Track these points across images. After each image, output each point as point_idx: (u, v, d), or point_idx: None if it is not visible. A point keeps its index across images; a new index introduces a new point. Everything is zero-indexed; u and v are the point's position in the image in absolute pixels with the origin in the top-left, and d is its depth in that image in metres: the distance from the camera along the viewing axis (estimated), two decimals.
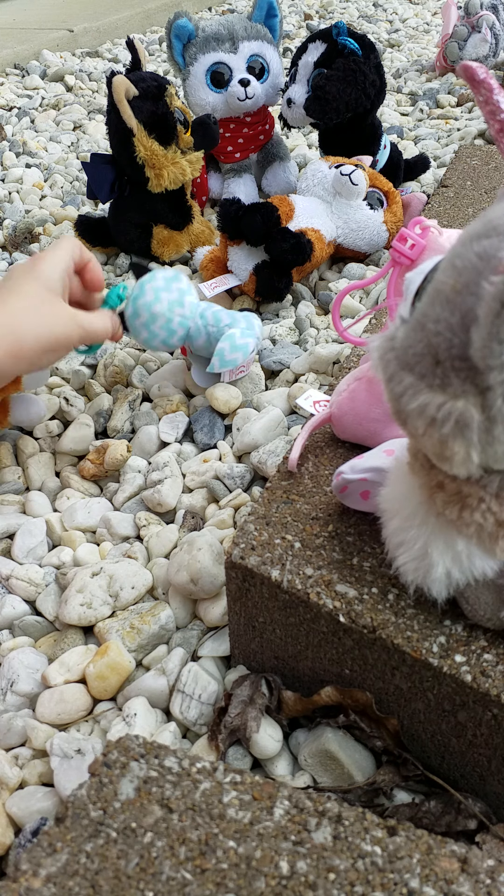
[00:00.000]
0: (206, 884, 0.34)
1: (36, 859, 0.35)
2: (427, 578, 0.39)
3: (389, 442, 0.49)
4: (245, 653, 0.53)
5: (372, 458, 0.47)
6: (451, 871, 0.34)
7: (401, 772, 0.46)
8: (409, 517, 0.38)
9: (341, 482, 0.47)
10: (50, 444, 0.78)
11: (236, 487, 0.69)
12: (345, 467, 0.47)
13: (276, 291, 0.94)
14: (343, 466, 0.48)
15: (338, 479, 0.47)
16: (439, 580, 0.38)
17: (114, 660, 0.54)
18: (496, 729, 0.40)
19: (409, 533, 0.38)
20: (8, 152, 1.49)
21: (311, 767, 0.48)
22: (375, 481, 0.45)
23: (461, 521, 0.34)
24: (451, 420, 0.29)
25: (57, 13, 2.64)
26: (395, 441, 0.49)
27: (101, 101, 1.79)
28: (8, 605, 0.61)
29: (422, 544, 0.38)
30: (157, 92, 0.95)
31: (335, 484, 0.48)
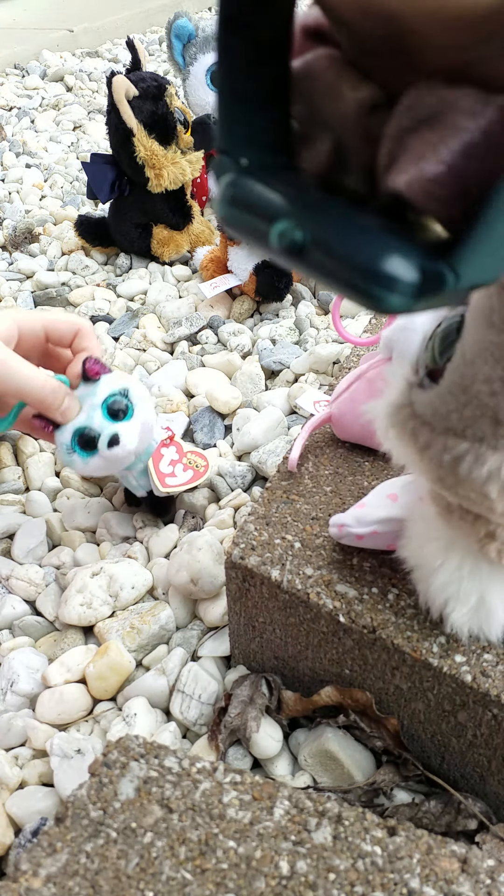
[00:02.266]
0: (206, 884, 0.34)
1: (36, 859, 0.35)
2: (487, 626, 0.38)
3: (388, 484, 0.46)
4: (245, 653, 0.53)
5: (377, 507, 0.44)
6: (451, 871, 0.34)
7: (401, 772, 0.46)
8: (456, 569, 0.36)
9: (345, 534, 0.44)
10: (50, 444, 0.78)
11: (237, 486, 0.69)
12: (348, 519, 0.44)
13: (276, 291, 0.94)
14: (345, 517, 0.45)
15: (340, 531, 0.44)
16: (501, 624, 0.38)
17: (114, 660, 0.54)
18: (496, 729, 0.40)
19: (462, 585, 0.37)
20: (8, 152, 1.49)
21: (311, 767, 0.48)
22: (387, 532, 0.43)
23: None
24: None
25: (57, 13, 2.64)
26: (394, 483, 0.46)
27: (101, 101, 1.79)
28: (8, 605, 0.61)
29: (478, 594, 0.37)
30: (157, 92, 0.95)
31: (336, 534, 0.45)
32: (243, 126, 0.19)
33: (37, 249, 1.16)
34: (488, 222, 0.16)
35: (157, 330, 0.95)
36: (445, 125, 0.17)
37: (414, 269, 0.16)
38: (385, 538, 0.44)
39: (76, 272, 1.09)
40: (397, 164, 0.18)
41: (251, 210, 0.19)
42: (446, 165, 0.17)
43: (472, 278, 0.17)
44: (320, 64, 0.20)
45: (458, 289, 0.17)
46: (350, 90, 0.19)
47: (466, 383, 0.28)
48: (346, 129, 0.19)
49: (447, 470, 0.30)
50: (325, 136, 0.20)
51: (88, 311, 0.99)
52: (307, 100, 0.20)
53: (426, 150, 0.17)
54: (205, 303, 0.98)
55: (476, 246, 0.16)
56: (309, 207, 0.18)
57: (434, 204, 0.17)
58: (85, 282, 1.08)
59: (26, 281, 1.08)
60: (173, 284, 1.06)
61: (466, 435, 0.29)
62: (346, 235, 0.17)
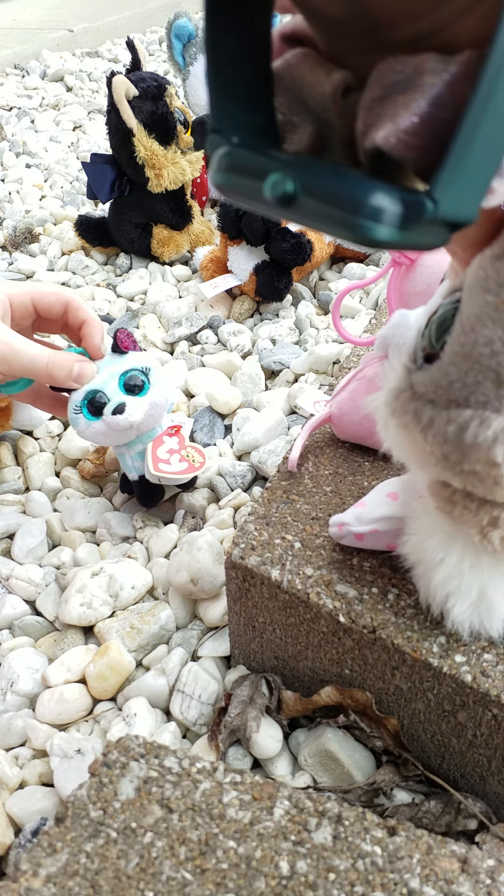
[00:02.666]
0: (206, 884, 0.34)
1: (36, 859, 0.35)
2: (488, 620, 0.38)
3: (388, 483, 0.46)
4: (245, 653, 0.53)
5: (377, 506, 0.44)
6: (451, 871, 0.34)
7: (401, 772, 0.46)
8: (456, 564, 0.37)
9: (346, 533, 0.45)
10: (50, 444, 0.78)
11: (237, 486, 0.69)
12: (348, 517, 0.44)
13: (276, 291, 0.94)
14: (345, 516, 0.45)
15: (341, 530, 0.45)
16: (502, 619, 0.38)
17: (114, 660, 0.54)
18: (496, 729, 0.40)
19: (462, 580, 0.37)
20: (8, 152, 1.49)
21: (311, 767, 0.48)
22: (387, 531, 0.43)
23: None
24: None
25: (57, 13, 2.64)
26: (394, 482, 0.46)
27: (101, 101, 1.79)
28: (8, 605, 0.61)
29: (479, 588, 0.37)
30: (157, 92, 0.95)
31: (336, 534, 0.45)
32: (233, 111, 0.22)
33: (37, 249, 1.16)
34: (458, 154, 0.18)
35: (157, 330, 0.95)
36: (414, 86, 0.19)
37: (396, 201, 0.18)
38: (385, 537, 0.44)
39: (76, 272, 1.09)
40: (375, 125, 0.20)
41: (244, 172, 0.21)
42: (418, 117, 0.19)
43: (450, 208, 0.19)
44: (298, 59, 0.22)
45: (437, 216, 0.19)
46: (325, 76, 0.21)
47: (467, 350, 0.29)
48: (325, 110, 0.22)
49: (452, 444, 0.30)
50: (307, 120, 0.22)
51: None
52: (288, 91, 0.22)
53: (399, 109, 0.19)
54: (205, 303, 0.98)
55: (450, 175, 0.18)
56: (297, 164, 0.20)
57: (411, 152, 0.19)
58: (85, 282, 1.08)
59: (26, 281, 1.08)
60: (173, 284, 1.06)
61: (470, 402, 0.29)
62: (333, 181, 0.19)
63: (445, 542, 0.37)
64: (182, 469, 0.63)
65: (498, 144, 0.19)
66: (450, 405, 0.30)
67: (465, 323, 0.29)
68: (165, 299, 1.01)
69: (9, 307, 0.58)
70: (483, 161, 0.19)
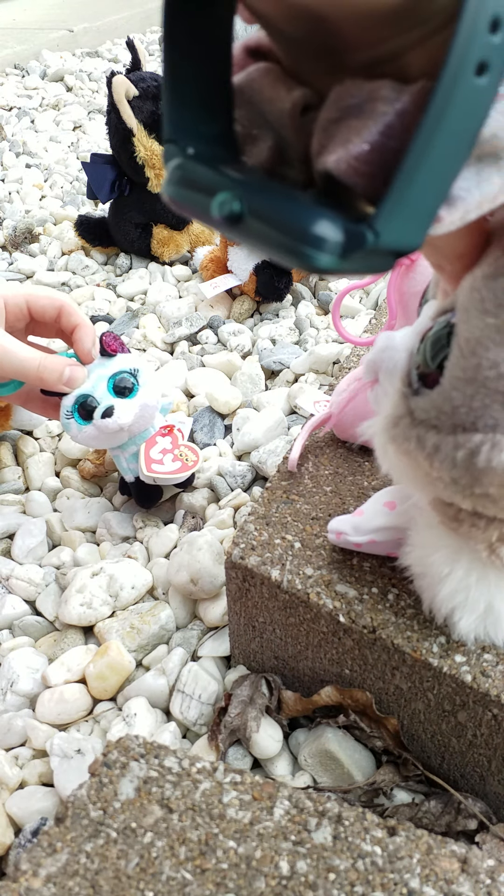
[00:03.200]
0: (206, 884, 0.34)
1: (36, 859, 0.35)
2: (494, 633, 0.38)
3: (386, 492, 0.46)
4: (245, 653, 0.53)
5: (374, 515, 0.44)
6: (451, 871, 0.34)
7: (401, 772, 0.46)
8: (463, 578, 0.36)
9: (343, 542, 0.45)
10: (50, 444, 0.78)
11: (237, 486, 0.69)
12: (346, 526, 0.44)
13: (276, 291, 0.94)
14: (342, 524, 0.45)
15: (339, 538, 0.45)
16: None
17: (114, 660, 0.54)
18: (496, 729, 0.40)
19: (469, 594, 0.37)
20: (8, 152, 1.49)
21: (311, 767, 0.48)
22: (385, 541, 0.43)
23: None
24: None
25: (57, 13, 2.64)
26: (391, 491, 0.45)
27: (101, 101, 1.79)
28: (8, 605, 0.61)
29: (486, 602, 0.37)
30: (157, 92, 0.95)
31: (334, 540, 0.45)
32: (191, 123, 0.22)
33: (37, 249, 1.16)
34: (400, 186, 0.18)
35: (157, 330, 0.95)
36: (367, 112, 0.19)
37: (338, 230, 0.18)
38: (383, 546, 0.44)
39: (76, 272, 1.09)
40: (328, 147, 0.20)
41: (194, 187, 0.21)
42: (369, 144, 0.19)
43: (391, 238, 0.19)
44: (260, 73, 0.22)
45: (378, 247, 0.19)
46: (286, 92, 0.22)
47: (470, 375, 0.29)
48: (283, 126, 0.22)
49: (462, 468, 0.30)
50: (266, 134, 0.23)
51: (89, 311, 0.99)
52: (249, 104, 0.23)
53: (351, 135, 0.19)
54: (205, 303, 0.98)
55: (392, 207, 0.19)
56: (246, 184, 0.20)
57: (359, 179, 0.19)
58: (85, 282, 1.08)
59: (26, 281, 1.08)
60: (173, 284, 1.06)
61: (478, 426, 0.29)
62: (279, 205, 0.19)
63: (451, 557, 0.36)
64: (175, 469, 0.63)
65: (444, 175, 0.19)
66: (456, 430, 0.29)
67: (463, 346, 0.29)
68: (165, 299, 1.01)
69: (3, 308, 0.58)
70: (428, 192, 0.19)
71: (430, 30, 0.18)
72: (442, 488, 0.31)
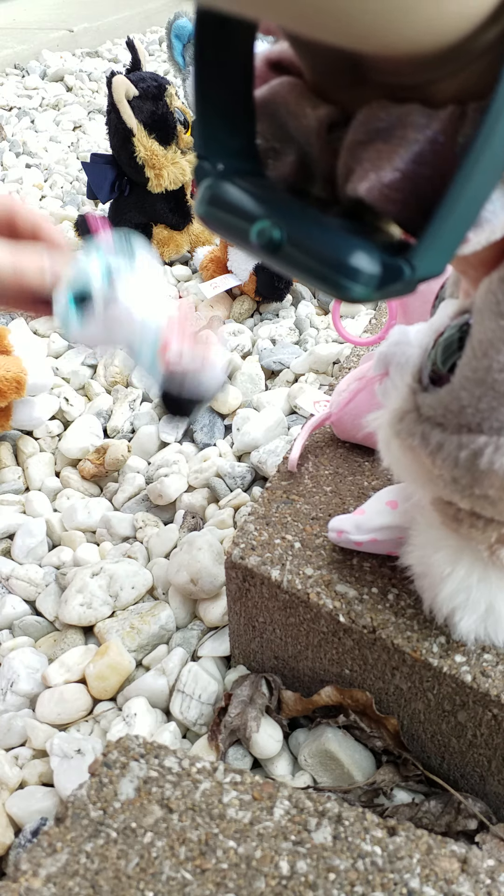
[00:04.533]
0: (206, 884, 0.34)
1: (36, 859, 0.35)
2: (494, 633, 0.38)
3: (387, 491, 0.46)
4: (245, 653, 0.53)
5: (376, 514, 0.44)
6: (451, 871, 0.34)
7: (401, 772, 0.46)
8: (464, 578, 0.37)
9: (344, 540, 0.45)
10: (50, 444, 0.78)
11: (237, 487, 0.69)
12: (347, 525, 0.44)
13: (276, 291, 0.94)
14: (343, 523, 0.45)
15: (339, 537, 0.45)
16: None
17: (114, 660, 0.54)
18: (496, 729, 0.40)
19: (471, 594, 0.37)
20: (8, 152, 1.49)
21: (311, 767, 0.48)
22: (386, 540, 0.43)
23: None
24: None
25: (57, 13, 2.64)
26: (393, 490, 0.45)
27: (101, 101, 1.79)
28: (8, 605, 0.61)
29: (487, 602, 0.37)
30: (157, 92, 0.95)
31: (335, 539, 0.45)
32: (218, 137, 0.22)
33: None
34: (440, 220, 0.18)
35: None
36: (397, 137, 0.19)
37: (376, 263, 0.19)
38: (384, 545, 0.44)
39: None
40: (356, 173, 0.20)
41: (230, 210, 0.21)
42: (400, 172, 0.19)
43: (425, 271, 0.19)
44: (284, 88, 0.22)
45: (413, 279, 0.19)
46: (311, 109, 0.22)
47: (480, 376, 0.29)
48: (308, 143, 0.22)
49: (464, 468, 0.30)
50: (290, 149, 0.23)
51: None
52: (272, 119, 0.23)
53: (381, 160, 0.19)
54: (205, 303, 0.98)
55: (430, 243, 0.19)
56: (282, 211, 0.20)
57: (391, 206, 0.19)
58: None
59: None
60: (173, 284, 1.06)
61: (483, 428, 0.29)
62: (318, 235, 0.19)
63: (452, 557, 0.36)
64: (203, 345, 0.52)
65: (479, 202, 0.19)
66: (461, 430, 0.29)
67: (476, 347, 0.29)
68: None
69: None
70: (464, 221, 0.19)
71: (466, 62, 0.18)
72: (442, 486, 0.31)
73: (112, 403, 0.83)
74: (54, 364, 0.88)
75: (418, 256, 0.19)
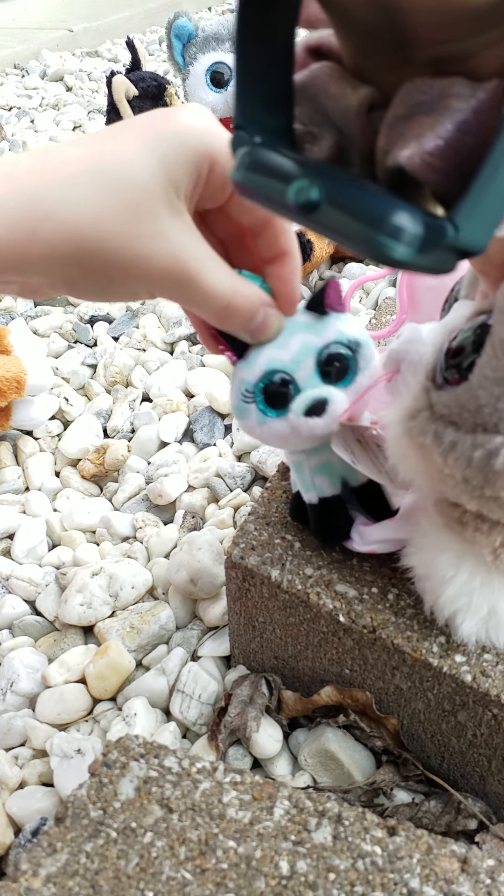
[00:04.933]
0: (206, 884, 0.34)
1: (36, 859, 0.35)
2: (496, 636, 0.38)
3: None
4: (245, 653, 0.53)
5: (379, 527, 0.43)
6: (451, 871, 0.34)
7: (401, 772, 0.46)
8: (467, 582, 0.36)
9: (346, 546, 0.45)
10: (50, 444, 0.78)
11: (237, 487, 0.69)
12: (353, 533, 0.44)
13: None
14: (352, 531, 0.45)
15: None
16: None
17: (114, 660, 0.54)
18: (496, 729, 0.40)
19: (473, 598, 0.37)
20: (8, 152, 1.49)
21: (311, 767, 0.48)
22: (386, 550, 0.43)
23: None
24: None
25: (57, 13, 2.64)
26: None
27: (101, 101, 1.79)
28: (8, 605, 0.61)
29: (489, 606, 0.37)
30: (156, 92, 0.95)
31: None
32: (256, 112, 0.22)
33: None
34: (483, 182, 0.18)
35: (157, 330, 0.95)
36: (440, 108, 0.19)
37: (418, 222, 0.18)
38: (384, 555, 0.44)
39: None
40: (397, 145, 0.19)
41: (268, 173, 0.21)
42: (443, 140, 0.18)
43: (468, 235, 0.19)
44: (324, 71, 0.22)
45: (456, 243, 0.19)
46: (351, 90, 0.21)
47: (500, 375, 0.28)
48: (348, 124, 0.21)
49: (476, 468, 0.29)
50: (328, 132, 0.22)
51: (89, 311, 0.99)
52: (311, 101, 0.22)
53: (423, 129, 0.19)
54: None
55: (473, 203, 0.18)
56: (321, 172, 0.20)
57: (433, 175, 0.19)
58: None
59: None
60: None
61: (500, 429, 0.29)
62: (357, 194, 0.19)
63: (455, 560, 0.36)
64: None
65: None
66: (476, 429, 0.29)
67: (497, 347, 0.29)
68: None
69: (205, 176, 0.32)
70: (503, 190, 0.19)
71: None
72: (451, 486, 0.31)
73: (112, 403, 0.83)
74: (54, 364, 0.88)
75: (461, 216, 0.18)
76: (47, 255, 0.29)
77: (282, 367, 0.38)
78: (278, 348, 0.38)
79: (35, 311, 1.00)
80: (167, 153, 0.30)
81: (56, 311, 1.00)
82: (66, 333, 0.96)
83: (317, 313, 0.39)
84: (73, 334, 0.96)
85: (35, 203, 0.29)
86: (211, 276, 0.33)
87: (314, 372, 0.38)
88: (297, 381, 0.39)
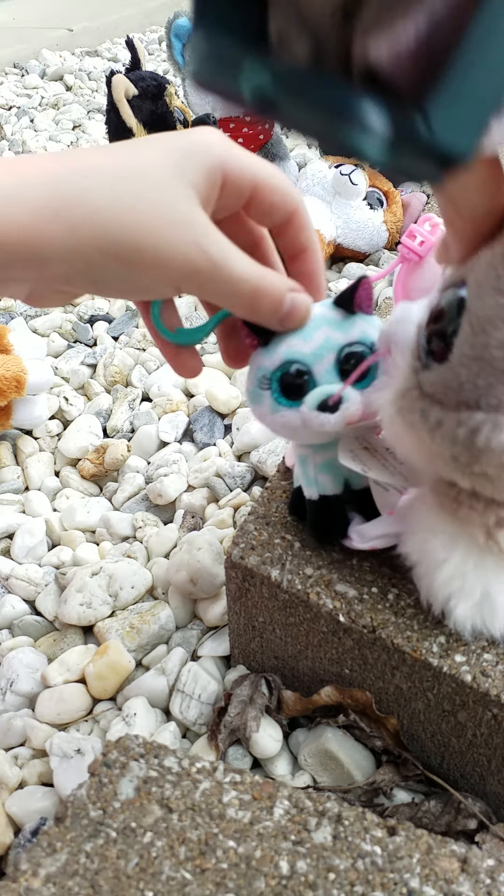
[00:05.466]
0: (206, 884, 0.34)
1: (36, 859, 0.35)
2: (490, 621, 0.38)
3: None
4: (245, 653, 0.53)
5: (378, 522, 0.43)
6: (451, 871, 0.34)
7: (401, 772, 0.46)
8: (460, 565, 0.36)
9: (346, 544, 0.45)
10: (50, 443, 0.78)
11: (236, 487, 0.69)
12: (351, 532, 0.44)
13: None
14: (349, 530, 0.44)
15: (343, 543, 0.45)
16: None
17: (113, 659, 0.54)
18: (496, 729, 0.40)
19: (466, 581, 0.36)
20: (7, 152, 1.49)
21: (311, 767, 0.48)
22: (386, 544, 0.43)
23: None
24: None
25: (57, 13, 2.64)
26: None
27: (101, 101, 1.79)
28: (8, 605, 0.61)
29: (482, 589, 0.36)
30: (156, 91, 0.95)
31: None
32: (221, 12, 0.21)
33: None
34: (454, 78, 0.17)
35: None
36: (413, 4, 0.18)
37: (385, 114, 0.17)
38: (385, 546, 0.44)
39: None
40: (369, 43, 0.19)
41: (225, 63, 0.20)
42: (415, 36, 0.18)
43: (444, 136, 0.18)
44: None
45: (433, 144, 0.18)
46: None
47: (478, 352, 0.28)
48: (321, 28, 0.21)
49: (463, 446, 0.29)
50: (303, 37, 0.21)
51: (88, 311, 0.99)
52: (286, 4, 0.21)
53: (395, 26, 0.18)
54: None
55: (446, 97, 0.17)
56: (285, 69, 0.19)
57: (404, 74, 0.18)
58: None
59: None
60: None
61: (481, 405, 0.29)
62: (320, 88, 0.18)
63: (449, 543, 0.36)
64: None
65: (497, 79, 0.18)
66: (459, 407, 0.29)
67: (475, 324, 0.29)
68: None
69: (217, 182, 0.34)
70: (481, 91, 0.18)
71: None
72: (442, 465, 0.31)
73: (112, 403, 0.83)
74: (54, 363, 0.88)
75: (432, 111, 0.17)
76: (69, 242, 0.29)
77: (301, 358, 0.38)
78: (301, 339, 0.38)
79: (35, 311, 0.99)
80: (181, 159, 0.32)
81: (56, 310, 1.00)
82: (65, 333, 0.96)
83: (344, 310, 0.39)
84: (72, 334, 0.96)
85: (61, 187, 0.29)
86: (235, 261, 0.34)
87: (333, 368, 0.38)
88: (315, 375, 0.38)
